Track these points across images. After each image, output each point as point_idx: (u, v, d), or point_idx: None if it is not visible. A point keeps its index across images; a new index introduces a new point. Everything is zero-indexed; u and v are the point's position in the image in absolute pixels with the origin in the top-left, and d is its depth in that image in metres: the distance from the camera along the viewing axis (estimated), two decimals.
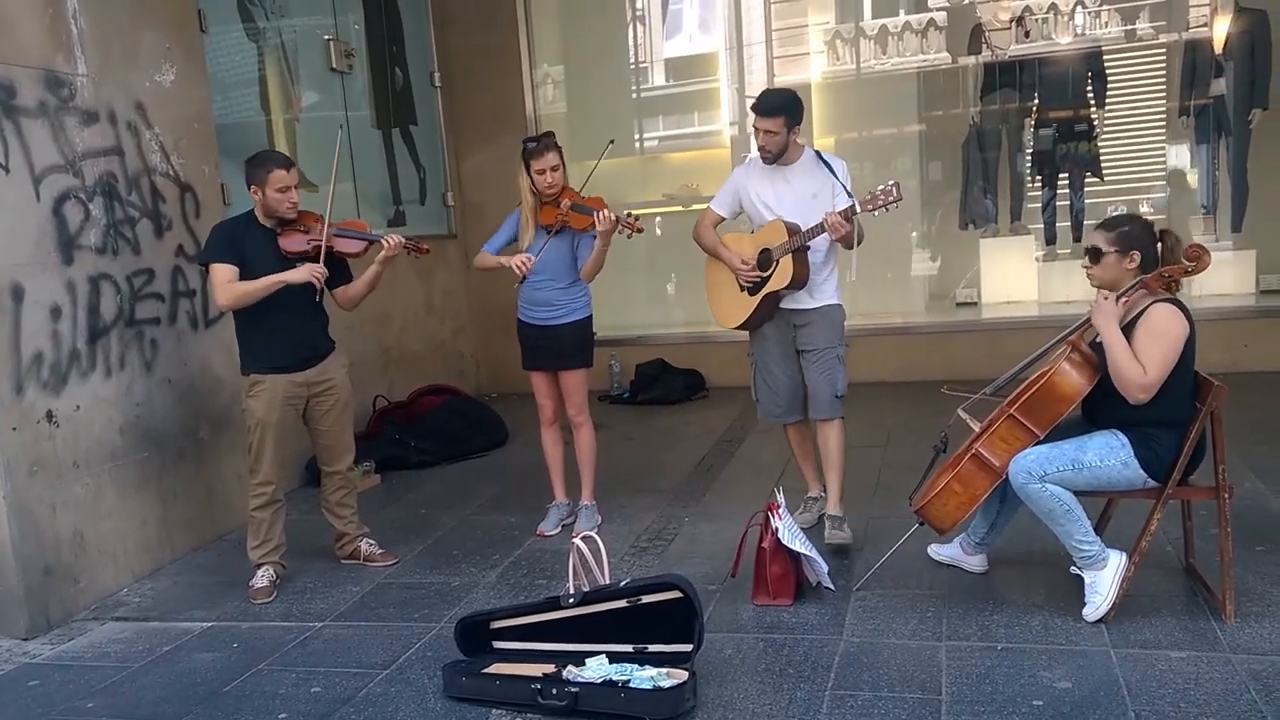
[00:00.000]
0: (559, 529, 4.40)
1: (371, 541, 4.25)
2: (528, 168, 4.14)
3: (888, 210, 3.70)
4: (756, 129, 3.87)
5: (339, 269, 4.03)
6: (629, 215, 4.01)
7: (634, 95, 8.62)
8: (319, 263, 3.85)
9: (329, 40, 6.26)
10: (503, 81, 7.59)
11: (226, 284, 3.78)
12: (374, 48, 6.81)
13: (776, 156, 3.89)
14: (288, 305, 3.83)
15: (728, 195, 4.11)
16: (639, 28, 8.62)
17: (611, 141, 4.39)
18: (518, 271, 4.10)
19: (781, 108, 3.84)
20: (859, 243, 3.82)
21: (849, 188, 3.86)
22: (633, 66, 8.58)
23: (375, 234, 4.02)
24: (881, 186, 3.67)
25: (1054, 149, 7.76)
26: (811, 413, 4.09)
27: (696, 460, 5.50)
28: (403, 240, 3.98)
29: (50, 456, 3.85)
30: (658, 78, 8.91)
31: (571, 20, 8.17)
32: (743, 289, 4.02)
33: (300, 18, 6.05)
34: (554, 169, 4.11)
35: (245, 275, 3.79)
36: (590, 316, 4.36)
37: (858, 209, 3.67)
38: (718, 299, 4.16)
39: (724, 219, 4.15)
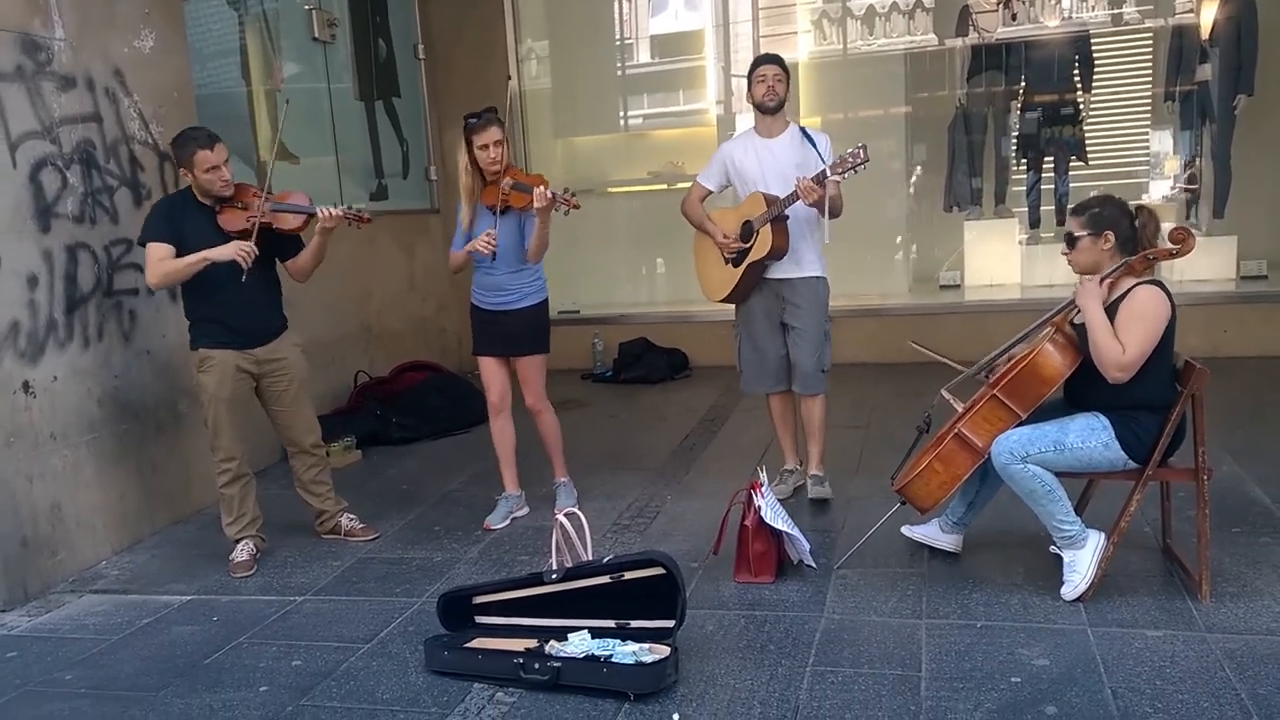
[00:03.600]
0: (507, 522, 4.26)
1: (352, 516, 4.23)
2: (469, 144, 3.96)
3: (856, 172, 3.84)
4: (763, 77, 4.03)
5: (290, 240, 3.93)
6: (566, 192, 3.82)
7: (619, 72, 8.56)
8: (253, 239, 3.73)
9: (311, 10, 6.17)
10: (487, 55, 7.51)
11: (158, 262, 3.69)
12: (357, 18, 6.73)
13: (780, 104, 4.06)
14: (233, 282, 3.71)
15: (715, 169, 4.23)
16: (624, 4, 8.55)
17: (509, 77, 4.33)
18: (485, 250, 3.94)
19: (781, 59, 4.11)
20: (839, 213, 3.96)
21: (829, 158, 4.00)
22: (618, 43, 8.51)
23: (313, 206, 3.88)
24: (850, 150, 3.82)
25: (1039, 132, 7.78)
26: (797, 387, 4.19)
27: (679, 439, 5.50)
28: (341, 211, 3.81)
29: (27, 428, 3.81)
30: (643, 55, 8.84)
31: None
32: (727, 261, 4.13)
33: None
34: (497, 144, 3.92)
35: (185, 253, 3.69)
36: (545, 301, 4.20)
37: (828, 173, 3.83)
38: (705, 272, 4.29)
39: (711, 192, 4.25)
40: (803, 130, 4.10)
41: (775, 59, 4.11)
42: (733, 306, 4.28)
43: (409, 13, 7.37)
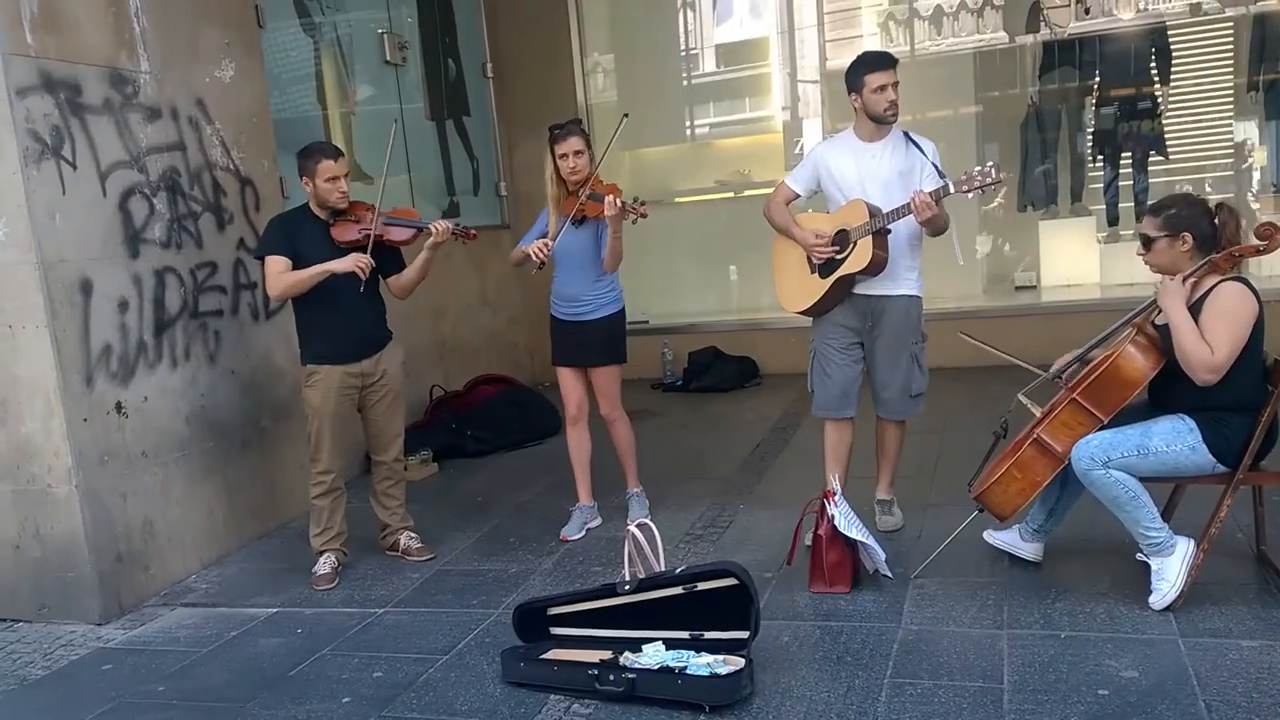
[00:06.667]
0: (583, 533, 4.28)
1: (413, 535, 4.26)
2: (553, 153, 4.06)
3: (983, 193, 3.47)
4: (883, 87, 3.59)
5: (392, 257, 4.08)
6: (635, 201, 3.88)
7: (685, 82, 8.58)
8: (368, 251, 3.89)
9: (383, 33, 6.32)
10: (554, 71, 7.60)
11: (277, 275, 3.85)
12: (427, 40, 6.87)
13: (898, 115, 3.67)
14: (344, 295, 3.88)
15: (806, 172, 3.87)
16: (689, 14, 8.58)
17: (626, 115, 4.13)
18: (535, 257, 3.99)
19: (896, 60, 3.67)
20: (944, 230, 3.65)
21: (940, 168, 3.68)
22: (683, 53, 8.54)
23: (423, 221, 4.06)
24: (979, 167, 3.47)
25: (1116, 128, 7.58)
26: (880, 411, 3.89)
27: (750, 448, 5.47)
28: (450, 225, 4.01)
29: (120, 447, 3.95)
30: (708, 64, 8.85)
31: (621, 8, 8.16)
32: (813, 271, 3.78)
33: (355, 11, 6.13)
34: (578, 154, 4.01)
35: (299, 266, 3.85)
36: (622, 311, 4.22)
37: (950, 190, 3.48)
38: (784, 281, 3.91)
39: (798, 196, 3.89)
40: (906, 134, 3.72)
41: (895, 61, 3.65)
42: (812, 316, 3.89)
43: (477, 32, 7.49)
